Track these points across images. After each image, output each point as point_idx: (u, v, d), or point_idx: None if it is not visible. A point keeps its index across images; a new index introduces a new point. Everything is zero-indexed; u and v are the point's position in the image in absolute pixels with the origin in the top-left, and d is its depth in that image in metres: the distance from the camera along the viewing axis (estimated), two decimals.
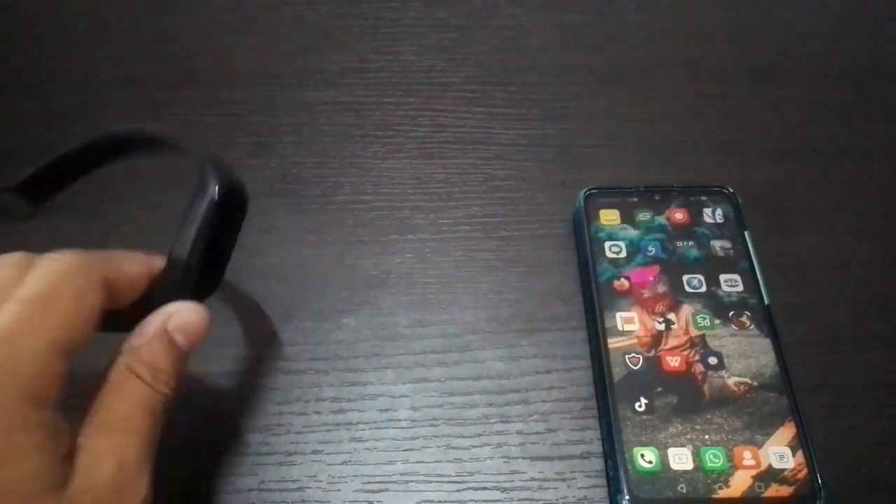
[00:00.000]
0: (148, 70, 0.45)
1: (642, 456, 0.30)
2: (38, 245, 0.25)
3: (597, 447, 0.31)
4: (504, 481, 0.31)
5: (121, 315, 0.25)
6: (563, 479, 0.31)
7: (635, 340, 0.33)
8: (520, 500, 0.30)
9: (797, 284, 0.36)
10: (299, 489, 0.31)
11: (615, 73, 0.45)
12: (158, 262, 0.27)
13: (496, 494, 0.30)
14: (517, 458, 0.31)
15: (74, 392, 0.23)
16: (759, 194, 0.38)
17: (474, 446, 0.32)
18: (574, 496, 0.30)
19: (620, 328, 0.33)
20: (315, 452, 0.31)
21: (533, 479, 0.31)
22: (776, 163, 0.40)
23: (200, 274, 0.26)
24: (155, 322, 0.25)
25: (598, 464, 0.31)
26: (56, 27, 0.47)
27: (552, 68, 0.45)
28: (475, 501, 0.30)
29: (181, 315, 0.26)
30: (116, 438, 0.23)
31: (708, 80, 0.44)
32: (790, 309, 0.34)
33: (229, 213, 0.27)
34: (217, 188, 0.26)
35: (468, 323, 0.35)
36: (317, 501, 0.30)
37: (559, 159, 0.41)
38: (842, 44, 0.46)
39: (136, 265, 0.26)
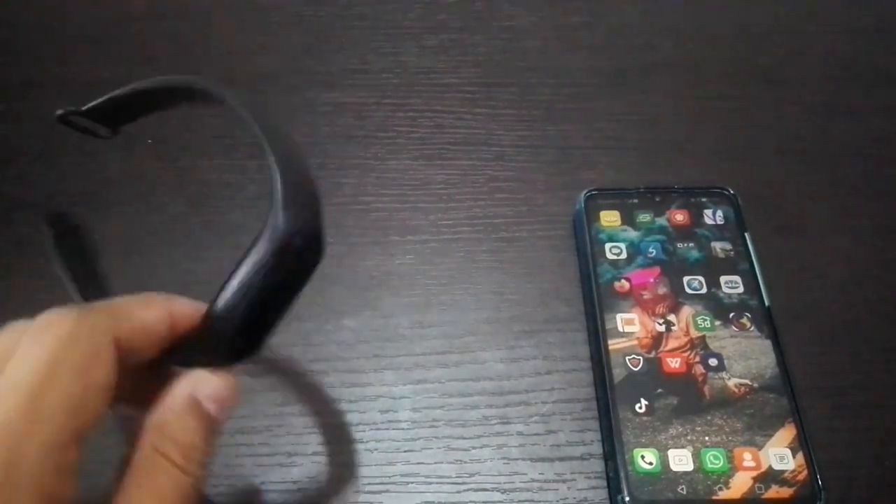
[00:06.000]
0: (148, 71, 0.45)
1: (642, 457, 0.30)
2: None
3: (597, 448, 0.31)
4: (504, 482, 0.31)
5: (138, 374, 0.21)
6: (564, 481, 0.31)
7: (636, 342, 0.33)
8: (520, 501, 0.30)
9: (797, 286, 0.36)
10: (300, 490, 0.31)
11: (615, 75, 0.45)
12: (180, 306, 0.22)
13: (496, 496, 0.30)
14: (517, 459, 0.31)
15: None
16: (759, 195, 0.38)
17: (474, 447, 0.32)
18: (574, 497, 0.30)
19: (621, 329, 0.33)
20: (315, 453, 0.31)
21: (533, 480, 0.31)
22: (776, 164, 0.40)
23: (242, 337, 0.21)
24: (182, 391, 0.21)
25: (598, 465, 0.31)
26: (56, 29, 0.47)
27: (552, 69, 0.45)
28: (475, 503, 0.30)
29: (211, 383, 0.21)
30: None
31: (708, 81, 0.44)
32: (790, 310, 0.34)
33: (293, 268, 0.21)
34: (279, 238, 0.20)
35: (468, 324, 0.35)
36: (317, 502, 0.30)
37: (560, 160, 0.41)
38: (842, 44, 0.46)
39: (153, 311, 0.21)
